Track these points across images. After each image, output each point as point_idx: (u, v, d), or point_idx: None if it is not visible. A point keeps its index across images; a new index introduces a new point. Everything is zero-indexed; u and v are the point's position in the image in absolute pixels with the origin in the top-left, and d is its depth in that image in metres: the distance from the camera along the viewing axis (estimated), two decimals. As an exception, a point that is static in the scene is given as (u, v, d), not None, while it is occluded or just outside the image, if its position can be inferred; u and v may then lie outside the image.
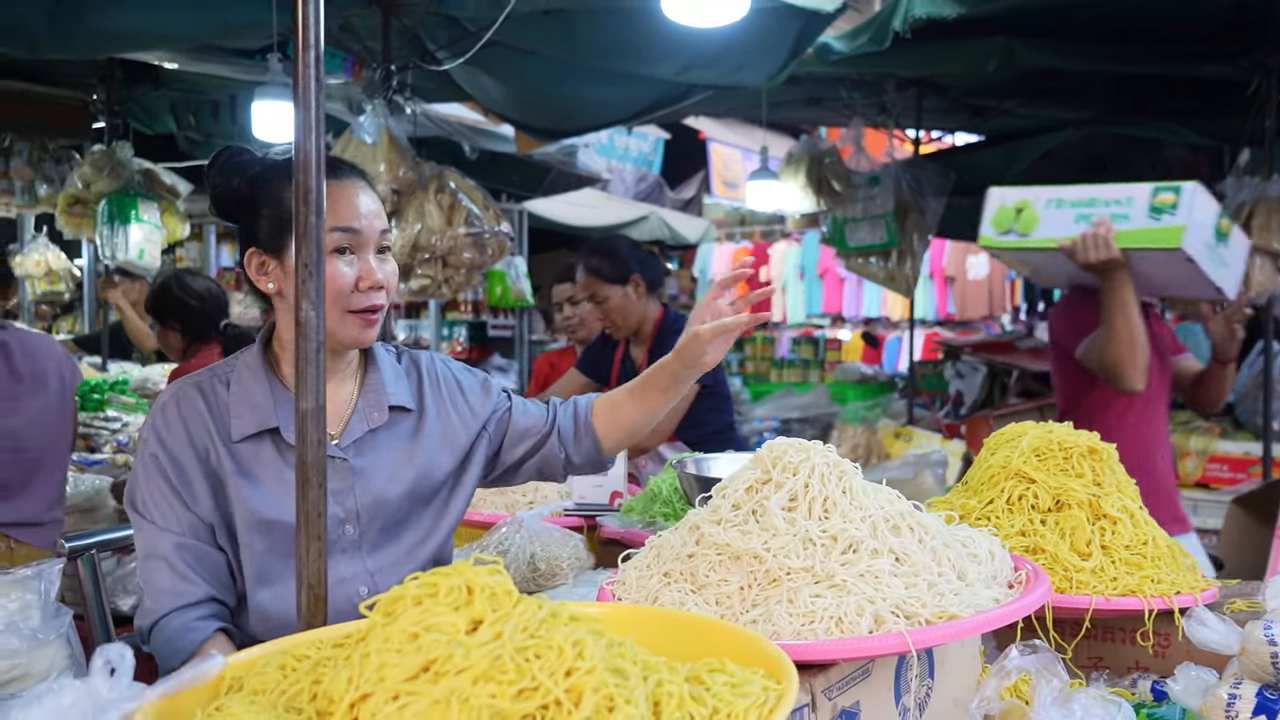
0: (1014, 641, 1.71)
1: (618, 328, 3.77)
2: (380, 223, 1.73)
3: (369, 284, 1.69)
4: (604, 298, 3.70)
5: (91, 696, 0.98)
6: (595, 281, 3.71)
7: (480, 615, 0.94)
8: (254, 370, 1.74)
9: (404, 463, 1.79)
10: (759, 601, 1.32)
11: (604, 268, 3.68)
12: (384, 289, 1.72)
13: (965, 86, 5.59)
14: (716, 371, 3.65)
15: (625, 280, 3.66)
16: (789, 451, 1.46)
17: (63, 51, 4.10)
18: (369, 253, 1.71)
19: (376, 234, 1.72)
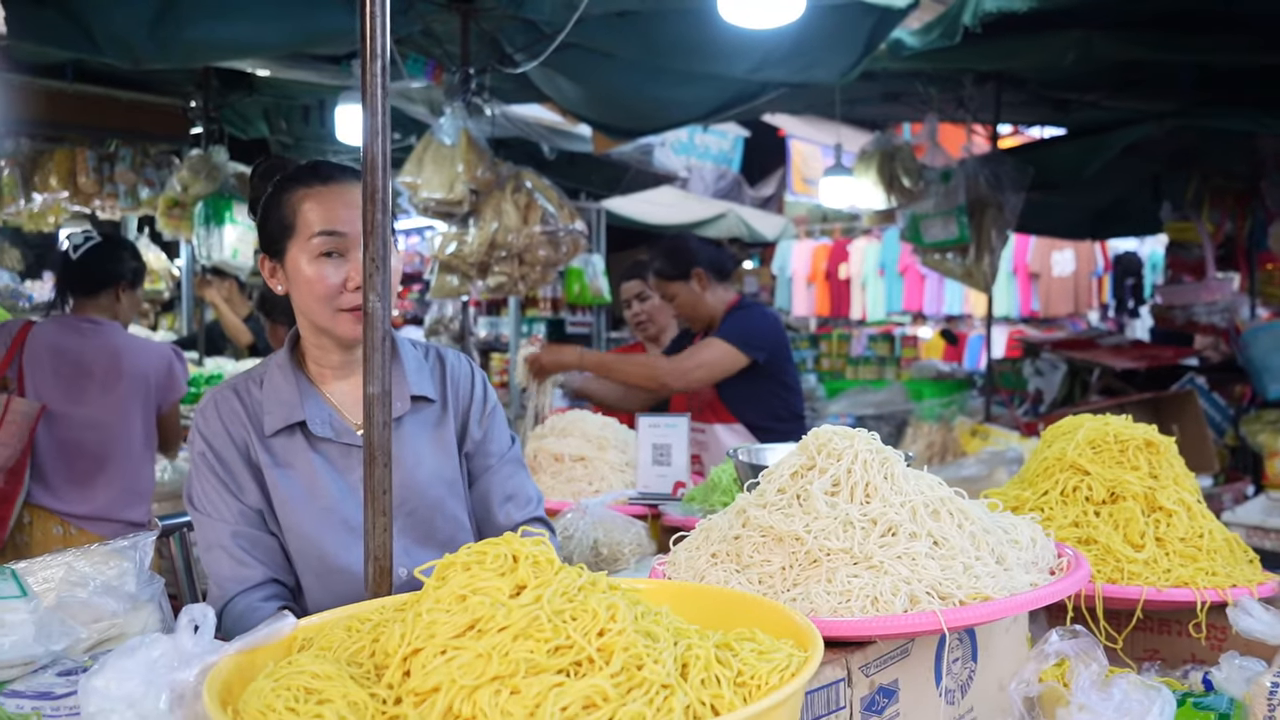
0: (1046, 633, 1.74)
1: (691, 320, 3.87)
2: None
3: (355, 284, 1.77)
4: (671, 295, 3.81)
5: (178, 650, 1.09)
6: (660, 282, 3.84)
7: (523, 581, 1.01)
8: (283, 369, 1.86)
9: (428, 449, 1.90)
10: (799, 581, 1.37)
11: (665, 267, 3.79)
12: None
13: (1045, 79, 5.51)
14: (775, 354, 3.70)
15: (688, 275, 3.74)
16: (834, 438, 1.51)
17: (162, 62, 4.31)
18: (356, 253, 1.77)
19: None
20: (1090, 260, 10.18)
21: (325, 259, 1.78)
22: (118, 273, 3.65)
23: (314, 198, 1.80)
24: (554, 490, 2.64)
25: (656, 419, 2.62)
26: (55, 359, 3.47)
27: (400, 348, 1.95)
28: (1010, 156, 5.74)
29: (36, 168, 6.64)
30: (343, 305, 1.78)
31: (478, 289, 4.62)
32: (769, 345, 3.68)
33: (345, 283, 1.78)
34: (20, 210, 6.81)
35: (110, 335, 3.54)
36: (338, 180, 1.83)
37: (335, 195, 1.80)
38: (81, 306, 3.59)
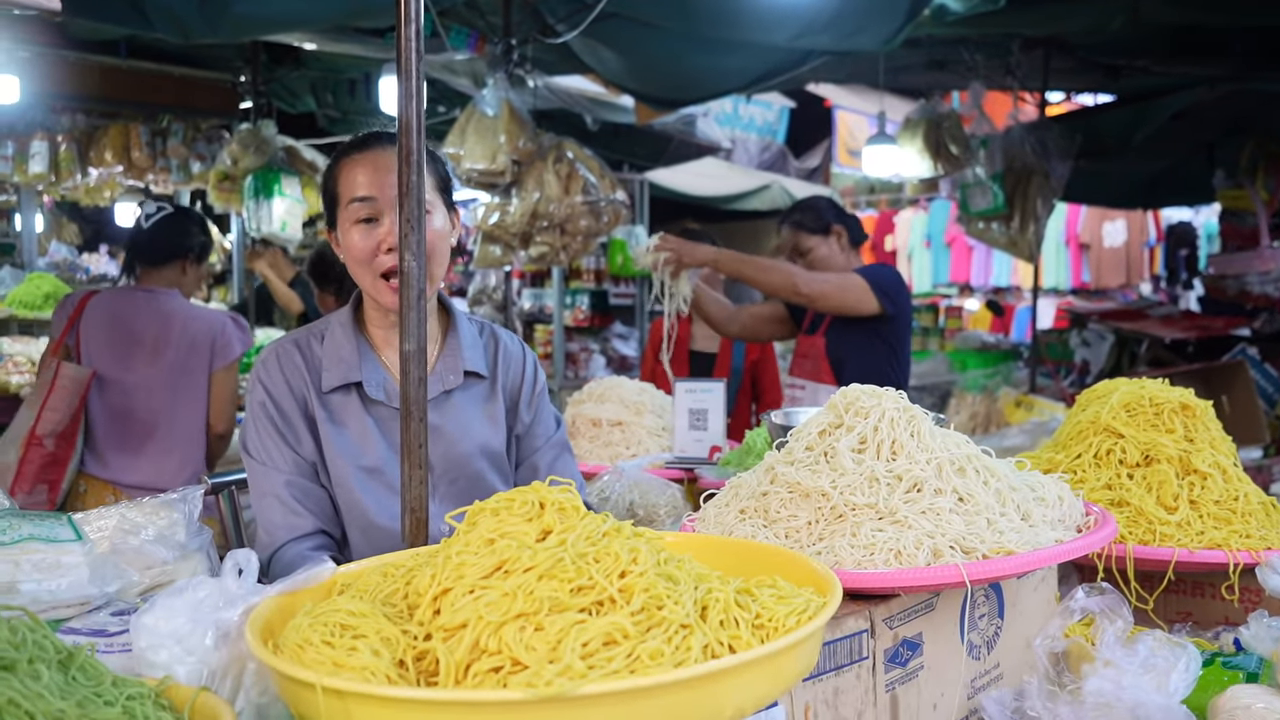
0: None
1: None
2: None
3: (387, 245, 1.81)
4: (807, 249, 3.72)
5: (223, 591, 1.14)
6: (797, 233, 3.74)
7: (549, 526, 1.05)
8: (345, 328, 1.92)
9: (475, 423, 1.94)
10: (824, 535, 1.40)
11: (806, 219, 3.74)
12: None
13: (1095, 44, 5.40)
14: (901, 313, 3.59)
15: (828, 231, 3.71)
16: (861, 397, 1.53)
17: (210, 36, 4.37)
18: (393, 216, 1.81)
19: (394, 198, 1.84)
20: (1142, 230, 9.99)
21: (362, 225, 1.83)
22: (185, 245, 3.68)
23: (350, 165, 1.86)
24: (591, 454, 2.68)
25: (693, 384, 2.64)
26: (110, 327, 3.54)
27: (458, 322, 1.99)
28: (1057, 124, 5.66)
29: (92, 143, 6.78)
30: (379, 269, 1.83)
31: (520, 259, 4.66)
32: (899, 303, 3.58)
33: (378, 246, 1.82)
34: (78, 185, 6.96)
35: (163, 302, 3.58)
36: (371, 147, 1.88)
37: (367, 161, 1.85)
38: (148, 276, 3.64)
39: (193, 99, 6.98)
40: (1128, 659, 1.41)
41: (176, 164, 6.85)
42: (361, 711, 0.87)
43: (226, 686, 1.07)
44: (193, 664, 1.06)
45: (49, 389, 3.42)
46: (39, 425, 3.38)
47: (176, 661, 1.05)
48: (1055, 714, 1.39)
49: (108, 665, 1.07)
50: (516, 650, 0.90)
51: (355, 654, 0.93)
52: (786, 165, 12.51)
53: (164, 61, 6.60)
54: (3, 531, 1.19)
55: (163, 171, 6.85)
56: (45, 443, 3.37)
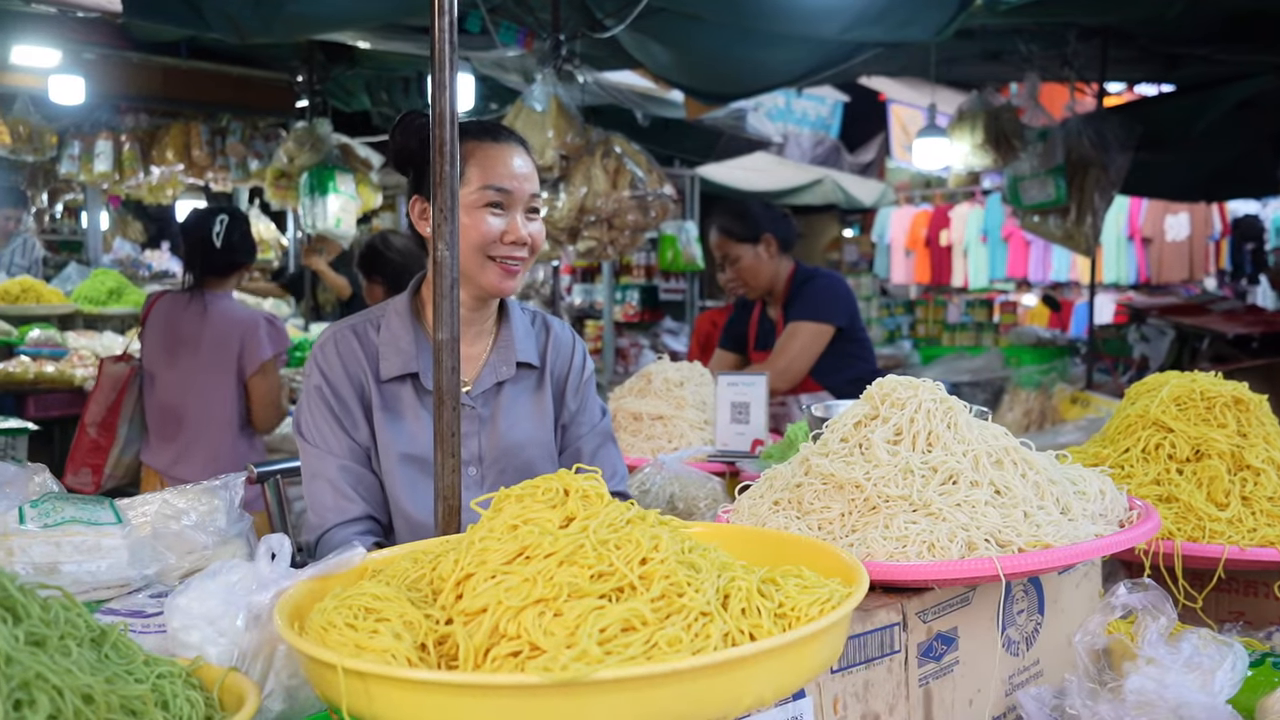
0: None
1: (750, 288, 3.76)
2: (531, 186, 1.90)
3: (512, 238, 1.86)
4: (735, 257, 3.70)
5: (256, 575, 1.16)
6: (725, 241, 3.72)
7: (573, 513, 1.05)
8: (402, 317, 1.93)
9: (525, 414, 1.97)
10: (857, 527, 1.38)
11: (734, 227, 3.70)
12: (527, 245, 1.89)
13: (1155, 33, 5.27)
14: (853, 317, 3.67)
15: (757, 239, 3.67)
16: (898, 388, 1.51)
17: (265, 35, 4.46)
18: (518, 211, 1.88)
19: (526, 195, 1.89)
20: (1207, 224, 9.74)
21: (489, 209, 1.86)
22: (249, 254, 3.82)
23: (485, 152, 1.89)
24: (633, 448, 2.68)
25: (735, 377, 2.64)
26: (163, 327, 3.69)
27: (512, 313, 2.01)
28: (1115, 115, 5.53)
29: (154, 142, 6.95)
30: (493, 253, 1.87)
31: (569, 254, 4.67)
32: (845, 309, 3.63)
33: (504, 235, 1.86)
34: (140, 183, 7.13)
35: (209, 302, 3.68)
36: (506, 140, 1.93)
37: (506, 153, 1.90)
38: (210, 284, 3.74)
39: (251, 98, 7.12)
40: (1171, 657, 1.38)
41: (235, 162, 6.99)
42: (381, 693, 0.88)
43: (257, 668, 1.09)
44: (224, 645, 1.08)
45: (96, 384, 3.63)
46: (86, 415, 3.61)
47: (208, 642, 1.07)
48: (1095, 712, 1.36)
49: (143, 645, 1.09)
50: (535, 635, 0.91)
51: (377, 636, 0.94)
52: (840, 160, 12.42)
53: (223, 62, 6.74)
54: (46, 514, 1.22)
55: (222, 170, 7.00)
56: (89, 431, 3.60)
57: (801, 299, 3.64)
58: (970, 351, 6.19)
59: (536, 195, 1.93)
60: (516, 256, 1.88)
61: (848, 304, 3.67)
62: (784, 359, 3.54)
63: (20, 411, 5.17)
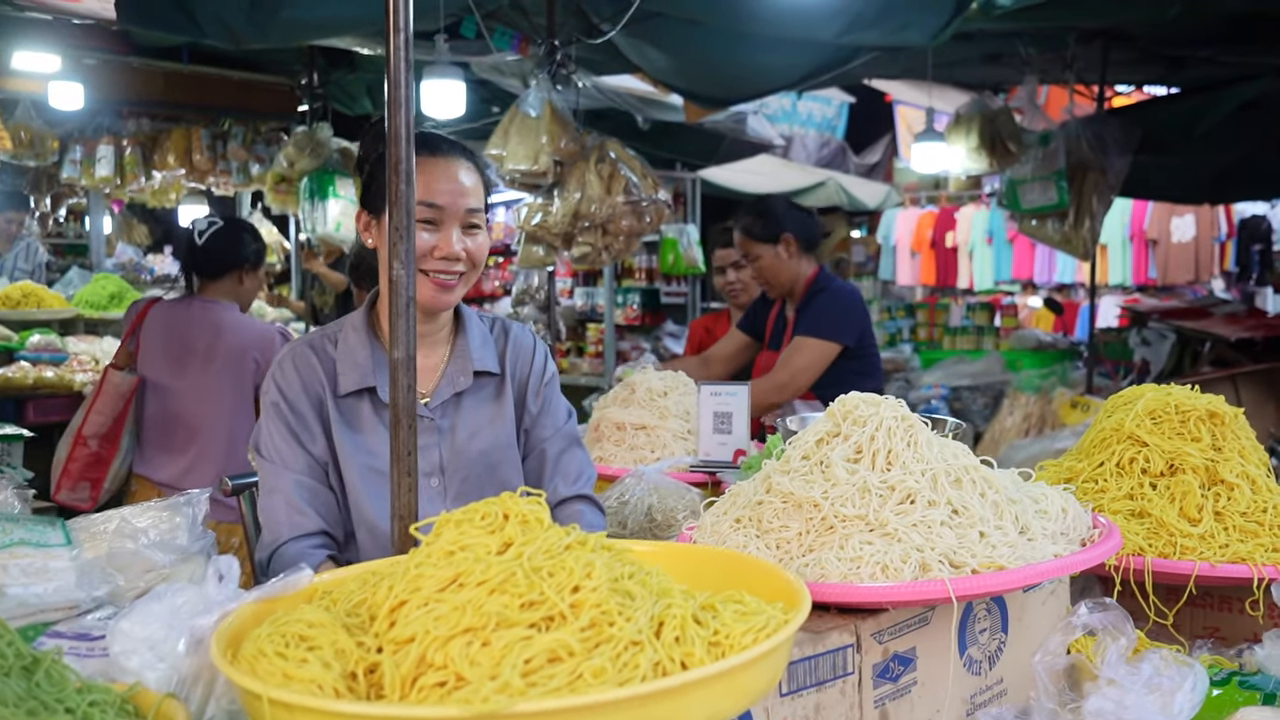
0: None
1: (771, 287, 3.75)
2: (469, 201, 1.88)
3: (443, 253, 1.85)
4: (755, 256, 3.68)
5: (202, 598, 1.16)
6: (747, 241, 3.70)
7: (511, 538, 1.05)
8: (359, 331, 1.94)
9: (486, 423, 1.97)
10: (814, 547, 1.38)
11: (755, 227, 3.66)
12: (459, 260, 1.87)
13: (1156, 35, 5.24)
14: (863, 335, 3.61)
15: (776, 239, 3.63)
16: (860, 406, 1.51)
17: (260, 41, 4.46)
18: (452, 226, 1.87)
19: (461, 210, 1.87)
20: (1213, 225, 9.68)
21: (420, 225, 1.85)
22: (240, 256, 3.75)
23: (420, 166, 1.86)
24: (616, 458, 2.68)
25: (718, 387, 2.62)
26: (166, 335, 3.65)
27: (468, 322, 2.02)
28: (1115, 117, 5.50)
29: (156, 146, 6.97)
30: (424, 267, 1.85)
31: (563, 259, 4.67)
32: (856, 324, 3.56)
33: (434, 250, 1.85)
34: (142, 187, 7.16)
35: (217, 313, 3.66)
36: (445, 154, 1.90)
37: (440, 168, 1.88)
38: (206, 288, 3.73)
39: (253, 102, 7.13)
40: (1131, 678, 1.37)
41: (236, 166, 7.01)
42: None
43: (198, 694, 1.08)
44: (164, 670, 1.08)
45: (97, 393, 3.56)
46: (85, 426, 3.52)
47: (148, 667, 1.07)
48: (1055, 733, 1.35)
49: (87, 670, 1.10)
50: (460, 665, 0.90)
51: (306, 665, 0.94)
52: (846, 161, 12.38)
53: (224, 66, 6.76)
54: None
55: (223, 174, 7.02)
56: (90, 443, 3.50)
57: (811, 312, 3.58)
58: (971, 355, 6.16)
59: (476, 210, 1.90)
60: (451, 271, 1.87)
61: (859, 321, 3.59)
62: (786, 373, 3.48)
63: (19, 417, 5.18)
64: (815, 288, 3.65)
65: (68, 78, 6.03)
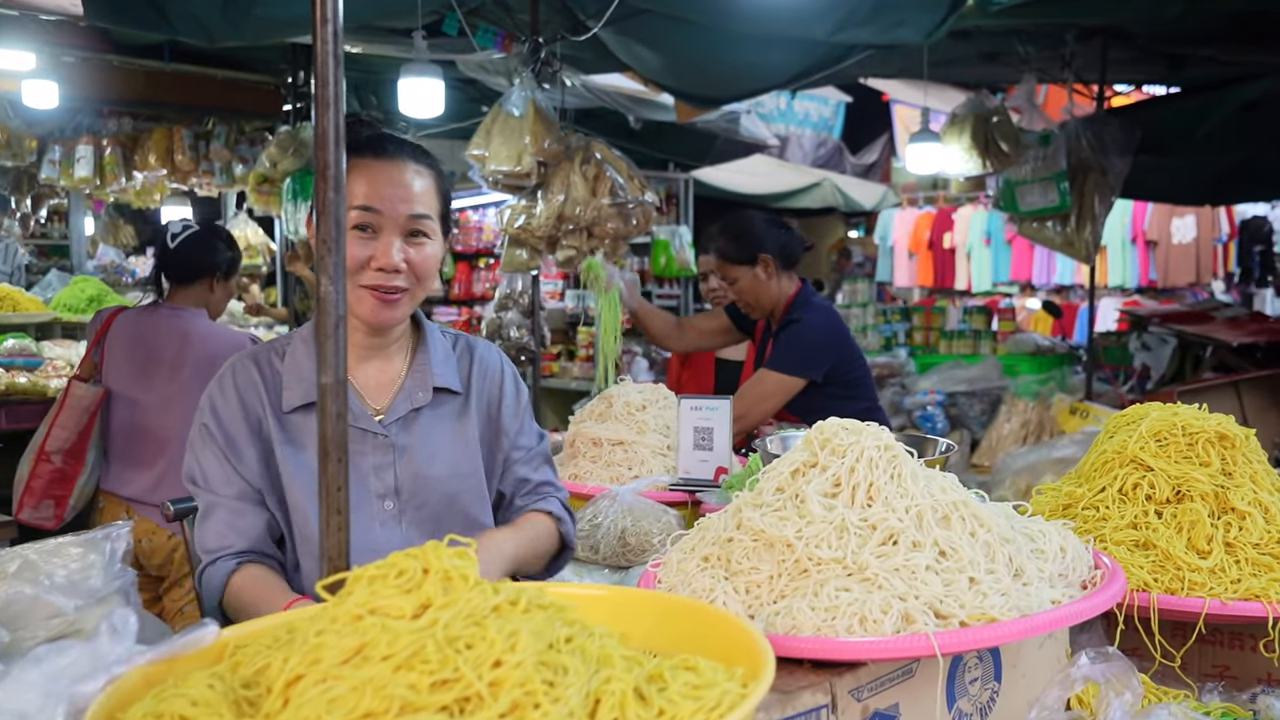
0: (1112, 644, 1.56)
1: (751, 309, 3.55)
2: (410, 207, 1.73)
3: (379, 264, 1.70)
4: (733, 279, 3.47)
5: (92, 657, 1.03)
6: (723, 264, 3.50)
7: (429, 599, 0.92)
8: (307, 344, 1.79)
9: (446, 443, 1.82)
10: (786, 592, 1.25)
11: (730, 249, 3.46)
12: (399, 272, 1.72)
13: (1157, 33, 5.11)
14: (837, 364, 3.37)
15: (754, 261, 3.42)
16: (840, 433, 1.37)
17: (235, 38, 4.33)
18: (392, 234, 1.72)
19: (402, 217, 1.72)
20: (1214, 226, 9.55)
21: (357, 232, 1.72)
22: (212, 264, 3.61)
23: (361, 170, 1.73)
24: (592, 475, 2.55)
25: (699, 401, 2.49)
26: (132, 345, 3.51)
27: (429, 337, 1.88)
28: (1115, 118, 5.37)
29: (137, 146, 6.84)
30: (363, 281, 1.72)
31: (548, 263, 4.54)
32: (825, 360, 3.34)
33: (370, 260, 1.71)
34: (123, 188, 7.02)
35: (185, 321, 3.52)
36: (390, 157, 1.76)
37: (383, 171, 1.74)
38: (176, 295, 3.60)
39: (236, 101, 6.98)
40: (1137, 738, 1.24)
41: (219, 167, 6.88)
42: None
43: (77, 773, 0.95)
44: (36, 749, 0.94)
45: (60, 406, 3.42)
46: (48, 441, 3.38)
47: (17, 746, 0.94)
48: (1052, 798, 1.23)
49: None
50: (354, 760, 0.77)
51: (180, 756, 0.81)
52: (843, 162, 12.25)
53: (207, 65, 6.61)
54: None
55: (206, 174, 6.88)
56: (53, 459, 3.36)
57: (780, 343, 3.38)
58: (967, 360, 6.02)
59: (423, 217, 1.75)
60: (391, 285, 1.72)
61: (828, 354, 3.35)
62: (741, 405, 3.24)
63: (-8, 423, 5.06)
64: (790, 315, 3.43)
65: (45, 76, 5.89)
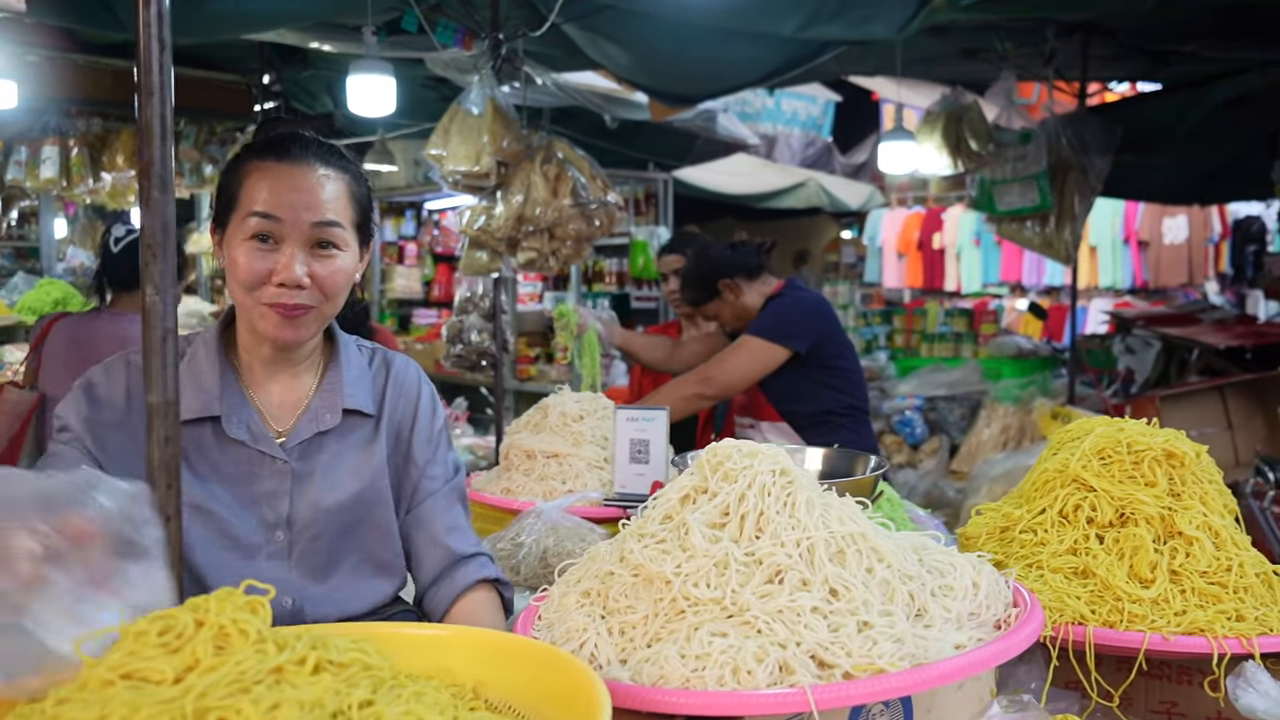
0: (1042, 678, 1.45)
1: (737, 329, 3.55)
2: (315, 214, 1.56)
3: (280, 278, 1.53)
4: (713, 315, 3.61)
5: None
6: (697, 310, 3.63)
7: (195, 659, 0.79)
8: (209, 350, 1.63)
9: (350, 472, 1.65)
10: (660, 635, 1.12)
11: (694, 295, 3.56)
12: (301, 287, 1.54)
13: (1139, 28, 4.98)
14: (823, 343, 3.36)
15: (717, 292, 3.50)
16: (732, 455, 1.25)
17: (184, 36, 4.19)
18: (295, 245, 1.55)
19: (305, 227, 1.55)
20: (1206, 226, 9.42)
21: (256, 243, 1.54)
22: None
23: (261, 172, 1.57)
24: (525, 489, 2.42)
25: (635, 411, 2.37)
26: (69, 350, 3.40)
27: (343, 352, 1.71)
28: (1096, 116, 5.25)
29: (105, 147, 6.70)
30: (264, 299, 1.55)
31: (509, 265, 4.41)
32: (809, 332, 3.34)
33: (271, 274, 1.54)
34: (92, 189, 6.89)
35: (125, 327, 3.40)
36: (294, 159, 1.58)
37: (285, 175, 1.56)
38: (120, 300, 3.49)
39: (207, 101, 6.85)
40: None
41: (189, 167, 6.76)
42: None
43: None
44: None
45: None
46: None
47: None
48: None
49: None
50: None
51: None
52: (832, 161, 12.12)
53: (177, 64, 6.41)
54: None
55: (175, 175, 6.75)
56: None
57: (762, 315, 3.40)
58: (948, 363, 5.89)
59: (332, 226, 1.57)
60: (293, 303, 1.54)
61: (814, 327, 3.36)
62: (718, 367, 3.30)
63: (-53, 430, 4.93)
64: (776, 298, 3.45)
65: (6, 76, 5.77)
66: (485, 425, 6.32)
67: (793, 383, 3.39)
